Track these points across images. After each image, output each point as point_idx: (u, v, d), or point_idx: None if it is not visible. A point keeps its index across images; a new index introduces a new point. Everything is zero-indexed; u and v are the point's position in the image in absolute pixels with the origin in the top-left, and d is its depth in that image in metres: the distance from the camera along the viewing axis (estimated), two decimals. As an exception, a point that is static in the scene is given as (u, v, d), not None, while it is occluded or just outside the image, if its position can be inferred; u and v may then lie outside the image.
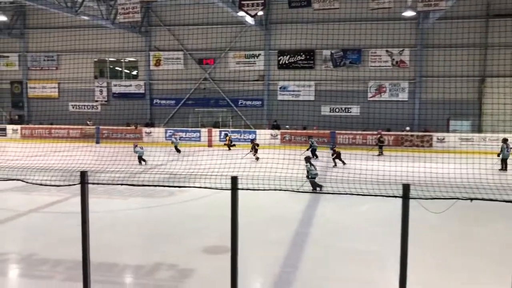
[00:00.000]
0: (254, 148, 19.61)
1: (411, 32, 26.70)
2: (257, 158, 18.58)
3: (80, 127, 29.00)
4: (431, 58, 26.55)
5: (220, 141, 25.74)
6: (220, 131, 27.00)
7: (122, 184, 5.00)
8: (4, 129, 30.38)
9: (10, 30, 31.31)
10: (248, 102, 29.59)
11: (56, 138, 27.76)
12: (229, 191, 4.42)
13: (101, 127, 28.30)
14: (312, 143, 19.85)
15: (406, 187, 4.39)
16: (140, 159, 17.15)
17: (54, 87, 32.37)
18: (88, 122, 30.08)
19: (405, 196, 4.34)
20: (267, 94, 29.30)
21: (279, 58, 28.90)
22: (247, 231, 4.76)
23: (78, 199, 12.73)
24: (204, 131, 27.04)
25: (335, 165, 17.35)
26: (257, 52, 29.09)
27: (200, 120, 29.60)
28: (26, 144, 21.47)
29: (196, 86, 30.32)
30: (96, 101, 31.63)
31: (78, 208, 10.49)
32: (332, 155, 18.08)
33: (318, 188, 12.56)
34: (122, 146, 23.58)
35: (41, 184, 5.29)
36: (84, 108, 31.84)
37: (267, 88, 29.26)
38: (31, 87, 32.81)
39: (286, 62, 28.84)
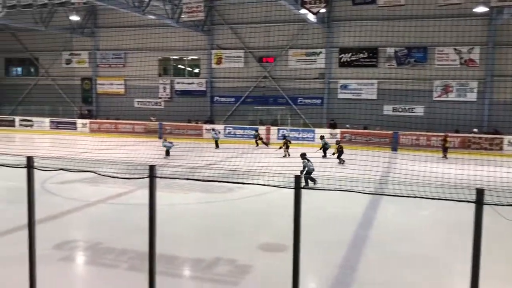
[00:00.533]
0: (286, 144, 19.97)
1: (482, 29, 25.09)
2: (288, 155, 19.13)
3: (144, 122, 30.23)
4: (505, 56, 24.80)
5: (278, 139, 25.73)
6: (278, 129, 26.99)
7: (187, 179, 5.10)
8: (75, 123, 32.39)
9: (82, 29, 33.27)
10: (308, 101, 29.31)
11: (122, 133, 29.13)
12: (288, 190, 4.38)
13: (163, 123, 29.32)
14: (326, 143, 20.15)
15: (480, 192, 4.07)
16: (167, 153, 18.21)
17: (121, 84, 33.99)
18: (152, 118, 31.26)
19: (479, 202, 4.03)
20: (327, 92, 28.84)
21: (341, 56, 28.32)
22: (304, 231, 4.67)
23: (143, 192, 13.37)
24: (262, 129, 27.16)
25: (343, 162, 17.64)
26: (318, 50, 28.72)
27: (258, 118, 29.75)
28: (94, 138, 22.77)
29: (255, 84, 30.50)
30: (160, 98, 32.81)
31: (143, 200, 10.87)
32: (334, 154, 18.64)
33: (312, 183, 13.07)
34: (184, 142, 24.29)
35: (112, 177, 5.54)
36: (148, 105, 33.15)
37: (327, 87, 28.82)
38: (100, 83, 34.69)
39: (348, 60, 28.22)
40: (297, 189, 4.26)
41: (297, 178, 4.36)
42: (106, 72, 34.35)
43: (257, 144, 24.59)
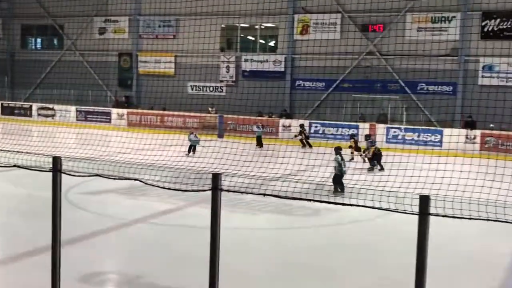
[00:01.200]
0: (303, 133, 23.42)
1: None
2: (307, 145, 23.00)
3: (200, 114, 31.02)
4: None
5: (386, 142, 25.16)
6: (387, 128, 26.44)
7: (263, 195, 5.15)
8: (109, 114, 34.06)
9: (121, -12, 35.00)
10: (433, 88, 28.41)
11: (169, 128, 30.08)
12: (397, 215, 4.23)
13: (225, 116, 29.89)
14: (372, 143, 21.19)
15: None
16: (192, 148, 19.90)
17: (170, 62, 35.19)
18: (210, 109, 32.05)
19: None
20: (462, 76, 27.74)
21: (484, 23, 27.12)
22: (433, 277, 4.55)
23: (196, 209, 13.75)
24: (364, 127, 26.74)
25: (373, 168, 19.51)
26: (449, 14, 27.73)
27: (359, 111, 29.36)
28: (134, 134, 23.72)
29: (356, 63, 30.11)
30: (221, 81, 33.52)
31: (195, 221, 10.96)
32: (368, 155, 20.24)
33: (339, 190, 14.68)
34: (252, 142, 24.60)
35: (164, 188, 5.73)
36: (206, 90, 33.98)
37: (462, 68, 27.73)
38: (142, 61, 36.17)
39: (495, 29, 26.97)
40: (424, 215, 4.15)
41: (424, 200, 4.23)
42: (151, 46, 35.75)
43: (304, 145, 25.42)
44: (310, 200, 5.44)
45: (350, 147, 22.09)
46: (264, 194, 5.29)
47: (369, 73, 29.62)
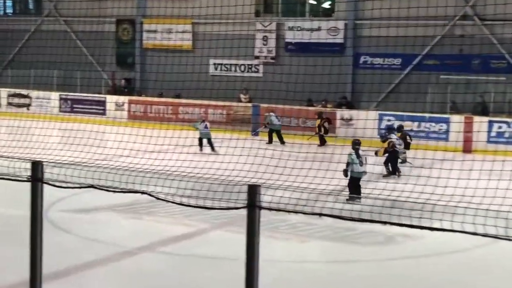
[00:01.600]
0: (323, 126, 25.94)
1: None
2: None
3: (227, 104, 31.10)
4: None
5: (488, 142, 24.87)
6: (490, 122, 26.13)
7: (313, 214, 5.13)
8: (103, 103, 34.46)
9: None
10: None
11: (185, 122, 30.20)
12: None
13: (262, 105, 29.91)
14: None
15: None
16: (203, 142, 21.83)
17: (186, 31, 35.40)
18: (242, 97, 32.11)
19: None
20: None
21: None
22: None
23: (219, 234, 13.78)
24: (457, 121, 26.48)
25: (389, 173, 20.21)
26: None
27: (449, 98, 29.05)
28: (137, 131, 23.76)
29: (445, 31, 29.80)
30: (257, 57, 33.58)
31: (221, 250, 11.05)
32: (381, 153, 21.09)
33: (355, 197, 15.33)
34: (298, 142, 24.52)
35: (184, 204, 5.78)
36: (235, 70, 34.06)
37: None
38: (148, 30, 36.49)
39: None
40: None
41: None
42: (160, 10, 35.95)
43: (322, 142, 26.90)
44: (383, 222, 5.41)
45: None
46: (320, 214, 5.29)
47: (464, 45, 29.29)
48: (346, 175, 16.05)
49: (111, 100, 34.39)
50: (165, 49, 35.59)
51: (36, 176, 5.31)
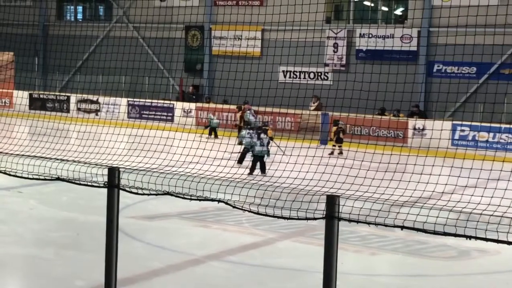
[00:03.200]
0: (338, 135, 27.15)
1: None
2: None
3: (295, 112, 31.15)
4: None
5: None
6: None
7: (395, 227, 5.07)
8: (171, 109, 34.83)
9: None
10: None
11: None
12: None
13: (331, 114, 29.84)
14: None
15: None
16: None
17: (255, 38, 35.63)
18: (312, 104, 32.16)
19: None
20: None
21: None
22: None
23: (287, 244, 13.75)
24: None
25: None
26: None
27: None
28: (206, 138, 24.11)
29: (522, 39, 29.23)
30: (326, 64, 33.55)
31: (286, 260, 11.01)
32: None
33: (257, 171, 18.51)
34: (371, 151, 24.27)
35: (261, 214, 5.78)
36: (304, 78, 34.08)
37: None
38: (217, 37, 36.82)
39: None
40: None
41: None
42: (230, 17, 36.20)
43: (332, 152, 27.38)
44: (464, 236, 5.31)
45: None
46: (402, 227, 5.22)
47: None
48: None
49: (179, 106, 34.72)
50: (234, 55, 35.81)
51: (113, 182, 5.39)
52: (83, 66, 39.96)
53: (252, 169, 20.98)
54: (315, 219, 5.22)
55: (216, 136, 30.38)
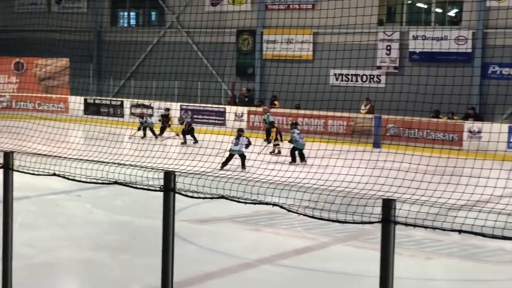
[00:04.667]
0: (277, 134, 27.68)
1: None
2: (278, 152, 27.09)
3: (347, 115, 30.99)
4: None
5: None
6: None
7: (453, 231, 4.99)
8: (223, 113, 34.96)
9: None
10: None
11: (306, 133, 30.27)
12: None
13: (384, 117, 29.61)
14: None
15: None
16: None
17: (307, 42, 35.54)
18: (364, 107, 32.00)
19: None
20: None
21: None
22: None
23: (340, 249, 13.69)
24: None
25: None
26: None
27: None
28: (256, 141, 24.14)
29: None
30: (379, 67, 33.33)
31: (340, 265, 10.95)
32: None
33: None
34: (427, 155, 24.02)
35: (316, 217, 5.75)
36: (357, 80, 33.89)
37: None
38: (268, 40, 36.84)
39: None
40: None
41: None
42: (281, 20, 36.28)
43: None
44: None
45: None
46: (460, 231, 5.14)
47: None
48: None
49: (230, 110, 34.83)
50: (285, 59, 35.80)
51: (168, 185, 5.43)
52: (136, 71, 40.39)
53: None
54: (371, 223, 5.17)
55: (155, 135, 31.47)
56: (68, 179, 7.62)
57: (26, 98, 39.05)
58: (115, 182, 6.67)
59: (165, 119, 32.44)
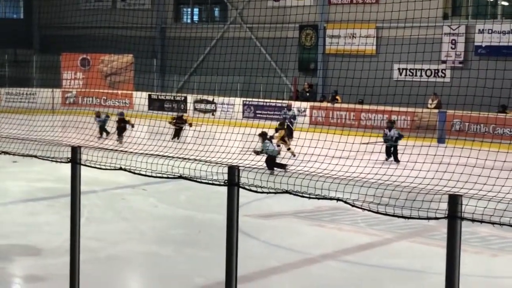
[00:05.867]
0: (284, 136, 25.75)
1: None
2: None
3: (411, 110, 30.68)
4: None
5: None
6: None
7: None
8: (289, 109, 34.96)
9: None
10: None
11: (368, 129, 30.12)
12: None
13: (448, 112, 29.25)
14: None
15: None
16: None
17: (370, 36, 35.35)
18: (431, 102, 31.61)
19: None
20: None
21: None
22: None
23: (405, 245, 13.60)
24: None
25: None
26: None
27: None
28: (316, 136, 24.00)
29: None
30: (444, 61, 32.91)
31: (404, 261, 10.88)
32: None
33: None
34: (494, 150, 23.70)
35: (383, 213, 5.72)
36: (421, 75, 33.53)
37: None
38: (331, 35, 36.74)
39: None
40: None
41: None
42: (344, 15, 36.13)
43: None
44: None
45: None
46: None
47: None
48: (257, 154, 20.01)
49: (295, 105, 34.80)
50: (348, 54, 35.68)
51: (233, 180, 5.46)
52: (199, 67, 40.67)
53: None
54: (437, 218, 5.10)
55: (107, 134, 29.03)
56: (134, 173, 7.72)
57: (92, 94, 39.70)
58: (180, 177, 6.74)
59: (123, 123, 28.42)
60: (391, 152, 24.54)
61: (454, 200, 4.78)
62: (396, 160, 23.72)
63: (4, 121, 21.59)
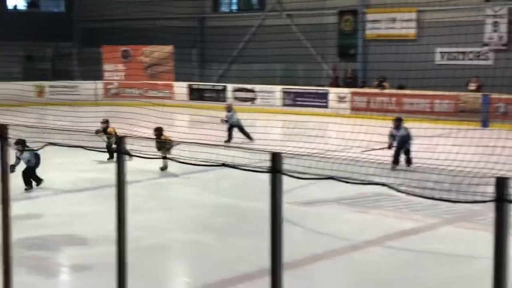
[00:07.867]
0: None
1: None
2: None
3: (453, 93, 30.29)
4: None
5: None
6: None
7: None
8: (325, 95, 34.82)
9: None
10: None
11: (410, 114, 29.79)
12: None
13: (492, 95, 28.86)
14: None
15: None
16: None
17: (411, 20, 34.94)
18: (471, 85, 31.23)
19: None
20: None
21: None
22: None
23: (449, 230, 13.36)
24: None
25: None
26: None
27: None
28: (358, 122, 23.97)
29: None
30: (486, 44, 32.43)
31: (449, 246, 10.69)
32: None
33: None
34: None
35: (428, 197, 5.63)
36: (463, 58, 33.08)
37: None
38: (371, 20, 36.39)
39: None
40: None
41: None
42: (382, 0, 35.77)
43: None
44: None
45: None
46: None
47: None
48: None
49: (333, 92, 34.65)
50: (388, 39, 35.38)
51: (276, 167, 5.42)
52: (239, 55, 40.69)
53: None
54: (484, 201, 5.00)
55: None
56: (178, 161, 7.72)
57: (134, 85, 39.97)
58: (223, 164, 6.72)
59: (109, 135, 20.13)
60: (401, 154, 18.80)
61: (502, 183, 4.67)
62: (409, 163, 18.41)
63: (50, 113, 21.86)
